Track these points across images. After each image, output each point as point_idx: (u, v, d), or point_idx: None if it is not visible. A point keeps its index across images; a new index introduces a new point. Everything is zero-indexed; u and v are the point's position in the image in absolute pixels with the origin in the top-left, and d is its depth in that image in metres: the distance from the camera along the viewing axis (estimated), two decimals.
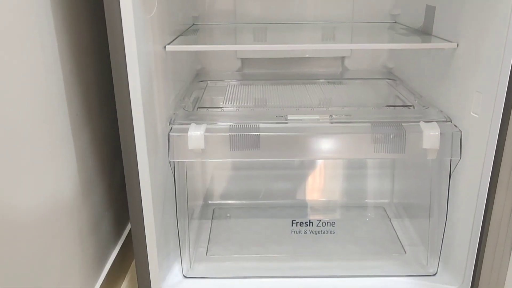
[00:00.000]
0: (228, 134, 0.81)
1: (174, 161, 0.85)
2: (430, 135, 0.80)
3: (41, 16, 0.71)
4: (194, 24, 1.21)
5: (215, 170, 1.23)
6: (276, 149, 0.82)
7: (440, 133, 0.80)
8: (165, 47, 0.85)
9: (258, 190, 1.23)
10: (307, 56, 1.26)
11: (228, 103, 0.98)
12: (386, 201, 1.20)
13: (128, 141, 0.78)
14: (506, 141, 0.74)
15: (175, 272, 0.93)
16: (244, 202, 1.20)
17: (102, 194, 0.97)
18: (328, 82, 1.19)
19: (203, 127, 0.82)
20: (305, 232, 0.98)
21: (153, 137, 0.81)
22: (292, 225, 0.98)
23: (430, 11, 0.97)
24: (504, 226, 0.76)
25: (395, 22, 1.21)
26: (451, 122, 0.84)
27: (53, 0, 0.74)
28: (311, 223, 0.98)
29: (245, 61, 1.27)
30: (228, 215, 1.15)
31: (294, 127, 0.83)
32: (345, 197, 1.20)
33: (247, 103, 0.99)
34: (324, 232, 0.98)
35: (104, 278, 0.94)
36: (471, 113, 0.80)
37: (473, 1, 0.79)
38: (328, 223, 0.98)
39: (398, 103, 1.03)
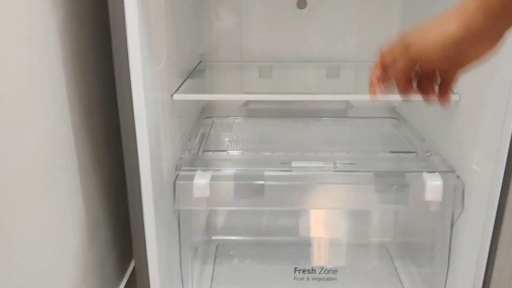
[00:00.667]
0: (233, 183, 0.82)
1: (179, 210, 0.86)
2: (432, 187, 0.81)
3: (49, 70, 0.73)
4: (201, 61, 1.23)
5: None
6: (281, 197, 0.83)
7: (443, 185, 0.81)
8: (172, 95, 0.87)
9: (262, 226, 1.24)
10: (311, 99, 1.28)
11: (234, 145, 1.00)
12: (389, 239, 1.20)
13: (134, 189, 0.80)
14: (508, 197, 0.75)
15: None
16: (247, 238, 1.21)
17: (107, 234, 0.98)
18: (332, 121, 1.20)
19: (208, 174, 0.83)
20: (308, 279, 0.99)
21: (159, 183, 0.82)
22: (294, 272, 0.99)
23: None
24: (506, 282, 0.76)
25: None
26: (454, 173, 0.84)
27: (62, 58, 0.76)
28: (313, 271, 0.98)
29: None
30: (231, 252, 1.15)
31: (298, 175, 0.84)
32: (348, 235, 1.20)
33: (252, 145, 1.00)
34: (326, 279, 0.98)
35: None
36: (474, 166, 0.80)
37: None
38: (331, 271, 0.98)
39: (401, 145, 1.04)
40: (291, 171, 0.86)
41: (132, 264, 1.12)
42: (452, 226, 0.85)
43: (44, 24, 0.69)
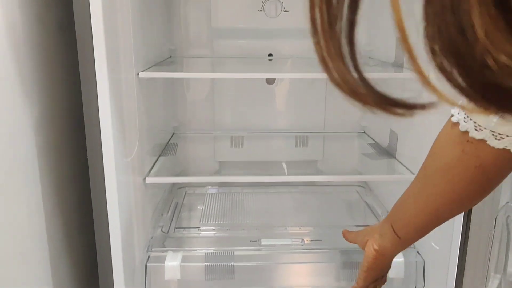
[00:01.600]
0: (204, 264, 0.84)
1: None
2: (394, 263, 0.84)
3: (28, 162, 0.75)
4: (174, 133, 1.27)
5: None
6: (251, 277, 0.85)
7: (404, 261, 0.85)
8: (144, 179, 0.90)
9: None
10: (282, 160, 1.33)
11: (206, 220, 1.03)
12: None
13: (105, 272, 0.81)
14: (465, 274, 0.79)
15: None
16: None
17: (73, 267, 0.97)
18: (302, 189, 1.25)
19: (179, 255, 0.85)
20: None
21: (130, 265, 0.84)
22: None
23: (393, 136, 1.05)
24: None
25: (364, 132, 1.30)
26: (415, 249, 0.89)
27: (36, 153, 0.79)
28: None
29: (223, 164, 1.33)
30: None
31: (268, 254, 0.87)
32: None
33: (223, 219, 1.03)
34: None
35: None
36: (432, 244, 0.85)
37: (432, 135, 0.87)
38: None
39: (366, 215, 1.08)
40: (260, 250, 0.89)
41: None
42: None
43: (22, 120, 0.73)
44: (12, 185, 0.69)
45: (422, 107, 0.21)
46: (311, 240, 0.92)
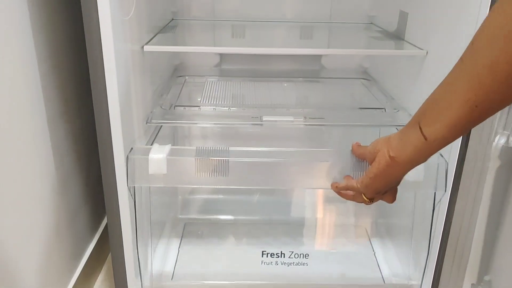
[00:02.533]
0: (194, 158, 0.74)
1: (134, 186, 0.78)
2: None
3: (19, 15, 0.71)
4: (173, 19, 1.21)
5: None
6: (246, 175, 0.76)
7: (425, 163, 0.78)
8: (143, 47, 0.86)
9: (233, 204, 1.24)
10: (285, 53, 1.28)
11: (206, 101, 1.00)
12: (368, 220, 1.20)
13: (104, 141, 0.79)
14: (468, 149, 0.78)
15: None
16: (217, 217, 1.21)
17: (79, 188, 0.98)
18: (304, 81, 1.21)
19: (166, 148, 0.76)
20: (276, 263, 0.96)
21: (129, 137, 0.82)
22: (262, 256, 0.96)
23: (403, 16, 1.00)
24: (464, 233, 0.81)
25: (371, 23, 1.24)
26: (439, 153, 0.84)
27: (31, 0, 0.74)
28: (282, 255, 0.96)
29: (224, 57, 1.28)
30: (199, 232, 1.13)
31: (266, 152, 0.77)
32: (324, 214, 1.21)
33: (224, 101, 1.01)
34: (296, 264, 0.96)
35: (81, 270, 0.96)
36: None
37: (442, 11, 0.82)
38: (302, 255, 0.96)
39: (371, 104, 1.06)
40: (261, 124, 0.88)
41: (105, 221, 1.13)
42: (434, 207, 0.82)
43: None
44: (6, 44, 0.66)
45: None
46: (313, 118, 0.90)
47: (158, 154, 0.74)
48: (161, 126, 0.92)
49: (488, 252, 0.80)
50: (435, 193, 0.80)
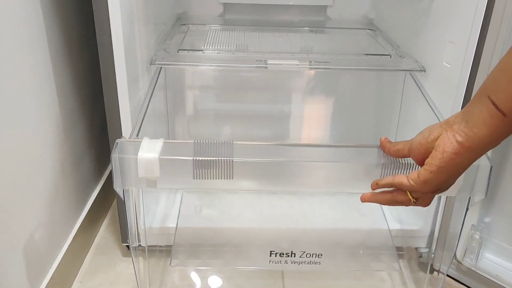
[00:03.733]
0: (192, 159, 0.59)
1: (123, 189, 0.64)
2: None
3: None
4: None
5: None
6: (255, 177, 0.63)
7: None
8: None
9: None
10: (290, 3, 1.26)
11: (209, 46, 0.99)
12: None
13: (109, 80, 0.79)
14: (473, 90, 0.78)
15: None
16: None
17: (83, 131, 0.98)
18: (309, 31, 1.20)
19: (158, 145, 0.60)
20: (286, 262, 0.85)
21: (133, 77, 0.82)
22: (270, 256, 0.85)
23: None
24: None
25: None
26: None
27: None
28: (293, 254, 0.84)
29: (228, 6, 1.26)
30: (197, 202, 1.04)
31: (278, 148, 0.64)
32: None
33: (228, 47, 1.00)
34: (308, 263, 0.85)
35: (87, 214, 0.98)
36: (444, 63, 0.83)
37: None
38: (314, 255, 0.85)
39: (377, 51, 1.05)
40: (266, 67, 0.87)
41: (109, 168, 1.13)
42: (467, 210, 0.69)
43: None
44: None
45: None
46: (319, 62, 0.89)
47: (149, 154, 0.58)
48: (162, 68, 0.90)
49: (489, 195, 0.80)
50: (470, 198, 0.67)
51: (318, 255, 0.84)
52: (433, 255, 0.86)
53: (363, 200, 0.56)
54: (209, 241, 0.93)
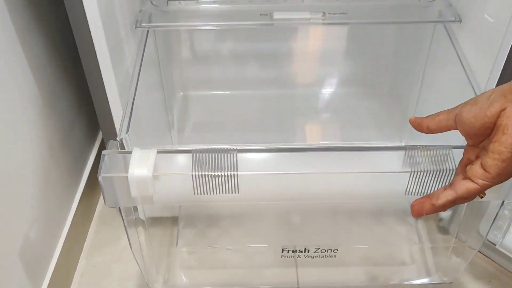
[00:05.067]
0: (191, 174, 0.50)
1: None
2: None
3: None
4: None
5: None
6: (263, 192, 0.54)
7: None
8: None
9: None
10: None
11: None
12: None
13: (86, 50, 0.67)
14: None
15: None
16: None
17: (68, 100, 0.88)
18: None
19: (151, 158, 0.50)
20: (299, 257, 0.78)
21: (114, 41, 0.69)
22: (282, 252, 0.77)
23: None
24: None
25: None
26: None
27: None
28: (307, 251, 0.76)
29: None
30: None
31: (286, 158, 0.53)
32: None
33: None
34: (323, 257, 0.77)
35: (85, 185, 0.92)
36: (485, 15, 0.69)
37: None
38: (330, 251, 0.76)
39: None
40: (272, 24, 0.74)
41: (101, 135, 1.05)
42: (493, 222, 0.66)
43: None
44: None
45: None
46: (334, 14, 0.75)
47: (141, 170, 0.49)
48: (151, 29, 0.77)
49: None
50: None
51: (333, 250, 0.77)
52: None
53: (417, 215, 0.47)
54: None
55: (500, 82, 0.69)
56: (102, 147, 1.02)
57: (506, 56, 0.66)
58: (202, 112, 1.08)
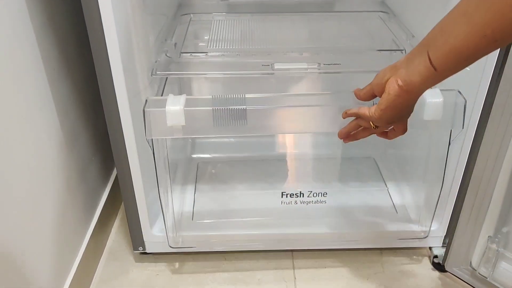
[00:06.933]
0: (211, 108, 0.71)
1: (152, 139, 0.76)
2: (433, 104, 0.72)
3: None
4: None
5: None
6: (265, 122, 0.74)
7: (443, 102, 0.72)
8: None
9: (246, 143, 1.22)
10: None
11: (213, 45, 0.94)
12: (378, 152, 1.19)
13: (108, 95, 0.76)
14: (495, 99, 0.73)
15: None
16: (229, 155, 1.20)
17: (87, 141, 0.96)
18: (317, 15, 1.13)
19: (182, 99, 0.72)
20: (296, 203, 0.96)
21: (134, 89, 0.78)
22: (282, 197, 0.95)
23: None
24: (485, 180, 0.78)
25: None
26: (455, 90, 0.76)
27: None
28: (301, 194, 0.95)
29: None
30: (213, 171, 1.13)
31: (284, 98, 0.75)
32: (334, 147, 1.19)
33: (232, 44, 0.95)
34: (315, 203, 0.96)
35: (97, 221, 0.97)
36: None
37: None
38: (320, 194, 0.96)
39: (389, 42, 0.99)
40: (273, 73, 0.83)
41: (115, 171, 1.12)
42: (449, 144, 0.80)
43: None
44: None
45: None
46: (328, 64, 0.84)
47: (175, 106, 0.71)
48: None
49: (509, 203, 0.78)
50: (451, 130, 0.78)
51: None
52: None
53: (340, 135, 0.69)
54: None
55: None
56: (116, 185, 1.08)
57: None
58: None
